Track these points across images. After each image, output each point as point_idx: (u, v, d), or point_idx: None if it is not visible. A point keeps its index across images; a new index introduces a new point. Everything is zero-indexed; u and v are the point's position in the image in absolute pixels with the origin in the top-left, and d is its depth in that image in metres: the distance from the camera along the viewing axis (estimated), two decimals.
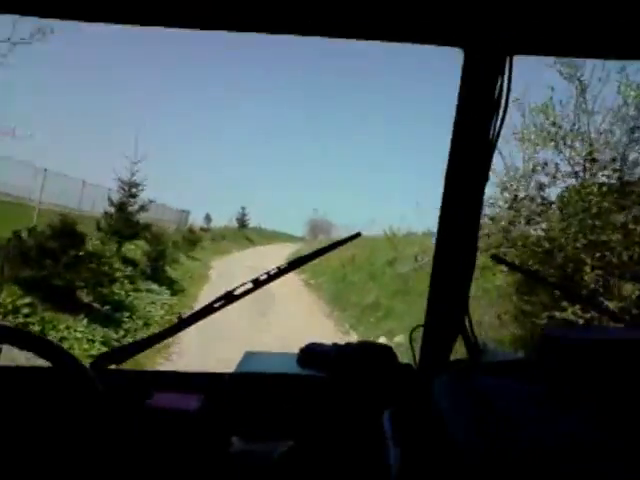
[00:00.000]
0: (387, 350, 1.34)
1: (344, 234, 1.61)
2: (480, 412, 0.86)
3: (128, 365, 1.25)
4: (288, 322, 8.95)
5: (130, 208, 11.28)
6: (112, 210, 11.06)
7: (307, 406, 1.21)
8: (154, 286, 10.26)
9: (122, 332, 6.88)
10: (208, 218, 33.35)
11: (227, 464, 1.09)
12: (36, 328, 5.66)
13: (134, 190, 11.51)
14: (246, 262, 17.18)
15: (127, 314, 7.52)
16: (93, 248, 8.22)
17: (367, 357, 1.30)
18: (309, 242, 28.56)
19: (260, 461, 1.09)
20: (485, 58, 1.14)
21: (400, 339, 7.44)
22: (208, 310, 1.20)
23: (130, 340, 5.79)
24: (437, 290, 1.30)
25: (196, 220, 30.31)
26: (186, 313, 1.27)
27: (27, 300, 6.15)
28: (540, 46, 1.19)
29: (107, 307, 7.27)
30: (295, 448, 1.09)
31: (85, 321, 6.44)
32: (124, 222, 10.66)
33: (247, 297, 1.22)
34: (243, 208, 42.08)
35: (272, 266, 1.27)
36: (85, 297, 7.29)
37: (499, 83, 1.13)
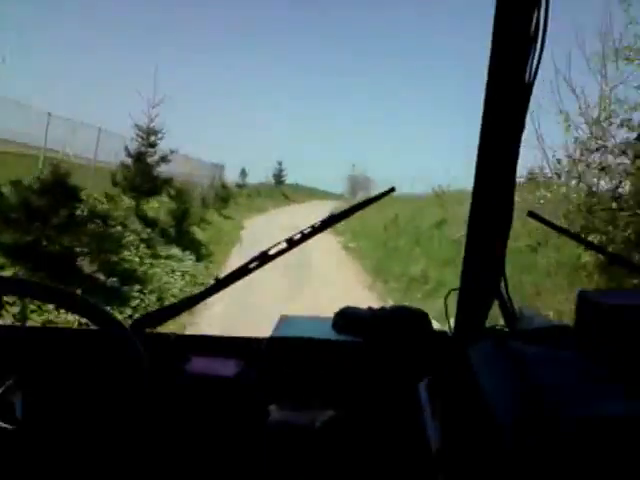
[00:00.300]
0: (422, 316, 1.33)
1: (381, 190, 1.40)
2: (518, 381, 0.83)
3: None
4: (325, 293, 7.73)
5: (150, 159, 9.90)
6: (130, 161, 9.73)
7: (343, 372, 1.22)
8: (176, 250, 9.09)
9: (129, 311, 5.75)
10: (244, 173, 32.12)
11: (265, 433, 1.07)
12: (14, 309, 4.50)
13: (153, 138, 10.08)
14: (282, 220, 15.92)
15: (137, 287, 6.36)
16: (96, 206, 6.95)
17: (402, 323, 1.29)
18: (348, 199, 27.33)
19: (297, 431, 1.08)
20: None
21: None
22: (243, 271, 1.20)
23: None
24: (472, 253, 1.25)
25: (231, 175, 29.06)
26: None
27: (10, 271, 5.00)
28: None
29: (113, 279, 6.12)
30: (335, 418, 1.08)
31: None
32: (142, 175, 9.34)
33: (280, 262, 1.24)
34: (280, 163, 40.49)
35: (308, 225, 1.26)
36: (88, 266, 6.10)
37: (535, 18, 1.03)
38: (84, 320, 1.00)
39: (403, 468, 1.09)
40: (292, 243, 1.23)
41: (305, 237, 1.23)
